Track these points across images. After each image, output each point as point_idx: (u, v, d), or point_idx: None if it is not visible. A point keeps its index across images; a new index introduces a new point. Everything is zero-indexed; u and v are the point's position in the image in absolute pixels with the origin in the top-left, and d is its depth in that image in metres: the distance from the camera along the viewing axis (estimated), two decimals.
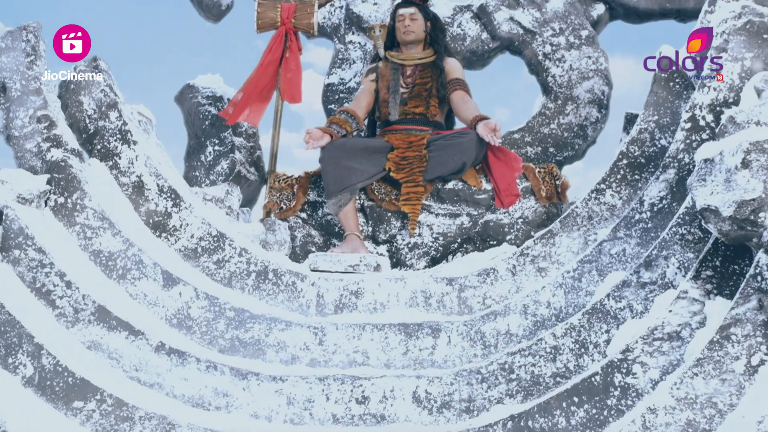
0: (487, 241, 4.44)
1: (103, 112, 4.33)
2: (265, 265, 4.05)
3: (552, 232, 3.98)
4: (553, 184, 4.52)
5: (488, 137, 4.24)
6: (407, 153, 4.50)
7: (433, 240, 4.50)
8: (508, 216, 4.47)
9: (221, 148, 5.50)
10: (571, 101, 5.26)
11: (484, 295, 3.92)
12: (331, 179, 4.42)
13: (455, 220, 4.50)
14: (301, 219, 4.72)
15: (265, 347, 3.69)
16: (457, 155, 4.38)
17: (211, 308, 3.79)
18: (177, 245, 4.15)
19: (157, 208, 4.20)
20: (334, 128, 4.58)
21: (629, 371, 3.03)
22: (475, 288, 3.94)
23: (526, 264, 3.97)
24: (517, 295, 3.81)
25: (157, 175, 4.24)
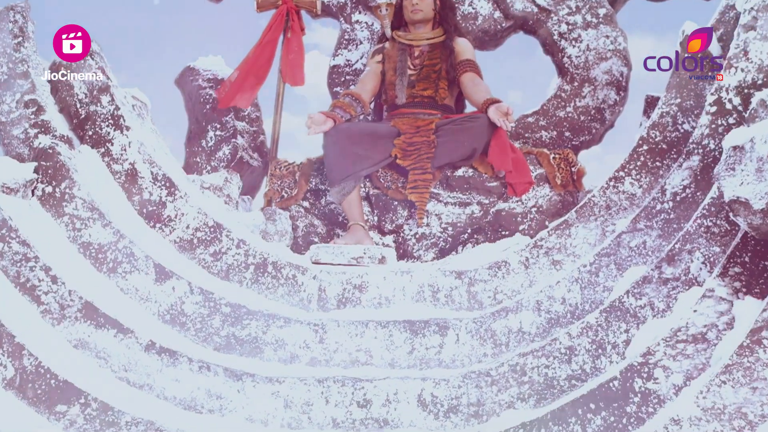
0: (499, 232, 4.24)
1: (95, 96, 4.15)
2: (264, 257, 3.87)
3: (567, 222, 3.80)
4: (568, 171, 4.32)
5: (500, 121, 4.05)
6: (414, 138, 4.29)
7: (441, 230, 4.31)
8: (521, 205, 4.26)
9: (223, 133, 5.29)
10: (588, 83, 5.00)
11: (495, 290, 3.72)
12: (334, 166, 4.22)
13: (465, 209, 4.31)
14: (303, 208, 4.52)
15: (263, 345, 3.52)
16: (467, 140, 4.20)
17: (205, 304, 3.61)
18: (172, 236, 3.97)
19: (150, 198, 4.01)
20: (338, 113, 4.38)
21: (650, 376, 2.83)
22: (485, 282, 3.74)
23: (540, 256, 3.78)
24: (530, 290, 3.61)
25: (150, 162, 4.05)
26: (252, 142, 5.41)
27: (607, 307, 3.17)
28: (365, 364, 3.43)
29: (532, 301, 3.48)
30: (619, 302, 3.17)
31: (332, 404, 3.20)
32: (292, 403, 3.21)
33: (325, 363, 3.45)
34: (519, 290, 3.68)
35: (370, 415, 3.18)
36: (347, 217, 4.30)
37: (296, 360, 3.46)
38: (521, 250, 3.78)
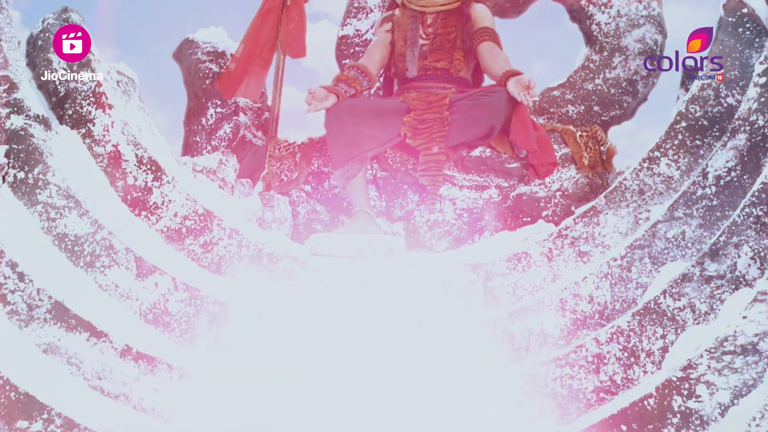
0: (520, 218, 3.90)
1: (75, 71, 3.82)
2: (259, 248, 3.58)
3: (596, 209, 3.48)
4: (597, 150, 3.97)
5: (520, 96, 3.72)
6: (426, 115, 3.96)
7: (456, 217, 3.99)
8: (544, 188, 3.92)
9: (224, 110, 5.03)
10: (618, 52, 4.70)
11: (515, 285, 3.42)
12: (337, 147, 3.91)
13: (482, 193, 3.99)
14: (305, 192, 4.19)
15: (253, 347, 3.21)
16: (484, 117, 3.85)
17: (191, 302, 3.32)
18: (159, 225, 3.68)
19: (135, 183, 3.71)
20: (341, 87, 4.06)
21: (692, 393, 2.53)
22: (503, 276, 3.43)
23: (565, 247, 3.45)
24: (553, 286, 3.33)
25: (135, 143, 3.74)
26: (255, 120, 5.14)
27: (640, 309, 2.88)
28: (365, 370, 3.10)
29: (555, 299, 3.18)
30: (654, 303, 2.87)
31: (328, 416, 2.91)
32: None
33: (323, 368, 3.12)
34: (541, 285, 3.39)
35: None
36: (352, 203, 3.99)
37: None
38: (544, 240, 3.48)
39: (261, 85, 4.72)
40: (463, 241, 3.96)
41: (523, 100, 3.73)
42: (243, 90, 4.61)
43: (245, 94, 4.64)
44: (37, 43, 3.89)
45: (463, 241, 3.96)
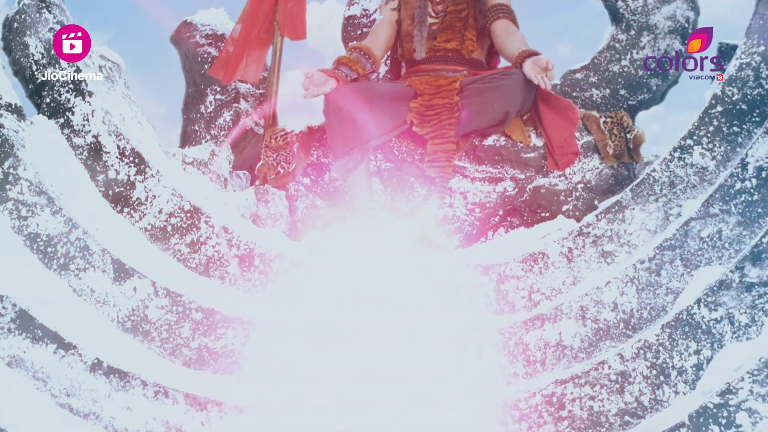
0: (538, 213, 3.65)
1: (53, 56, 3.58)
2: (250, 248, 3.34)
3: (621, 203, 3.23)
4: (623, 138, 3.69)
5: (537, 78, 3.49)
6: (434, 100, 3.71)
7: (467, 212, 3.76)
8: (564, 180, 3.67)
9: (224, 97, 4.85)
10: (647, 31, 4.41)
11: (531, 288, 3.18)
12: (338, 136, 3.67)
13: (496, 186, 3.73)
14: (304, 185, 3.95)
15: (242, 360, 3.04)
16: (498, 102, 3.60)
17: (173, 308, 3.09)
18: (142, 223, 3.45)
19: (117, 177, 3.47)
20: (342, 71, 3.84)
21: (731, 422, 2.28)
22: (518, 278, 3.19)
23: (587, 247, 3.19)
24: (573, 291, 3.08)
25: (117, 134, 3.49)
26: (257, 107, 4.86)
27: (671, 320, 2.63)
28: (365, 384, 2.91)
29: (574, 306, 2.92)
30: (687, 313, 2.62)
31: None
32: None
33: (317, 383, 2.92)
34: (559, 290, 3.14)
35: None
36: (353, 197, 3.78)
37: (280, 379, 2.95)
38: (563, 239, 3.23)
39: (261, 66, 4.45)
40: (475, 239, 3.76)
41: (540, 83, 3.50)
42: (241, 72, 4.33)
43: (244, 75, 4.37)
44: (13, 25, 3.65)
45: (475, 239, 3.76)
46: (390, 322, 3.02)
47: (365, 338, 2.97)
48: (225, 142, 3.98)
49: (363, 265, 3.27)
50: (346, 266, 3.27)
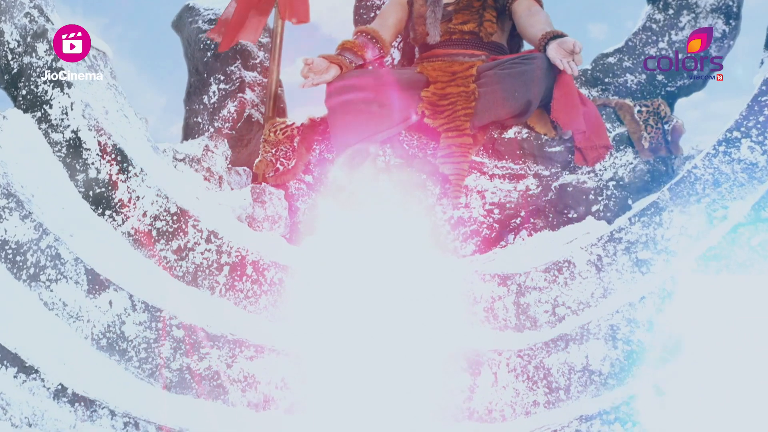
0: (564, 214, 3.40)
1: (29, 44, 3.34)
2: (242, 254, 3.06)
3: (658, 205, 2.97)
4: (660, 129, 3.46)
5: (563, 63, 3.25)
6: (449, 89, 3.45)
7: (485, 213, 3.50)
8: (594, 177, 3.41)
9: (228, 86, 4.58)
10: (687, 10, 4.17)
11: (555, 302, 2.90)
12: (341, 129, 3.43)
13: (518, 183, 3.47)
14: (305, 184, 3.66)
15: (227, 383, 2.80)
16: (519, 90, 3.34)
17: (152, 324, 2.83)
18: (125, 227, 3.17)
19: (98, 176, 3.21)
20: (346, 57, 3.58)
21: None
22: (540, 290, 2.92)
23: (618, 254, 2.93)
24: (603, 304, 2.82)
25: (98, 129, 3.22)
26: (263, 96, 4.56)
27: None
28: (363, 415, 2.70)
29: (604, 324, 2.69)
30: None
31: None
32: None
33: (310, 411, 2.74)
34: (587, 303, 2.87)
35: None
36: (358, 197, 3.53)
37: (270, 405, 2.78)
38: (592, 245, 2.97)
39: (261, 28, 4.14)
40: (493, 243, 3.51)
41: (566, 68, 3.26)
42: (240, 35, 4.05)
43: (244, 36, 4.08)
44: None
45: (493, 243, 3.51)
46: (395, 342, 2.75)
47: (366, 360, 2.72)
48: (219, 137, 3.67)
49: (366, 275, 3.01)
50: (348, 276, 3.01)
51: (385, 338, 2.79)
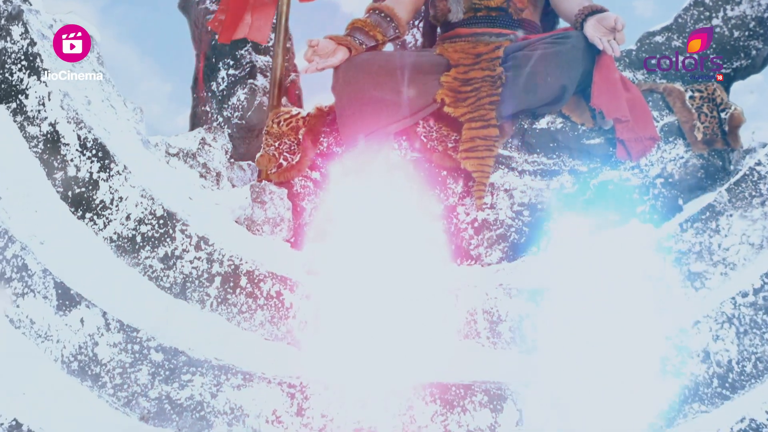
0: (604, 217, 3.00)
1: (3, 26, 3.02)
2: (235, 264, 2.73)
3: (714, 208, 2.62)
4: (715, 118, 3.04)
5: (602, 42, 2.91)
6: (473, 73, 3.05)
7: (513, 215, 3.10)
8: (638, 174, 3.01)
9: (237, 72, 4.32)
10: None
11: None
12: (350, 119, 3.05)
13: (551, 181, 3.06)
14: (312, 181, 3.23)
15: (211, 415, 2.47)
16: (552, 73, 2.95)
17: (127, 346, 2.51)
18: (107, 232, 2.86)
19: (78, 174, 2.90)
20: (356, 39, 3.19)
21: None
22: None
23: (668, 266, 2.57)
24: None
25: (77, 121, 2.90)
26: None
27: None
28: None
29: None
30: None
31: None
32: None
33: None
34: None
35: None
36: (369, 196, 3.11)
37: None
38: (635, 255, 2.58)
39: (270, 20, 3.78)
40: (523, 250, 3.10)
41: (606, 48, 2.90)
42: (245, 29, 3.70)
43: (250, 34, 3.73)
44: None
45: (523, 250, 3.10)
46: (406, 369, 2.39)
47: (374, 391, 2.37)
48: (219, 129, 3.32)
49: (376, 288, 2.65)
50: (354, 289, 2.65)
51: (393, 362, 2.44)
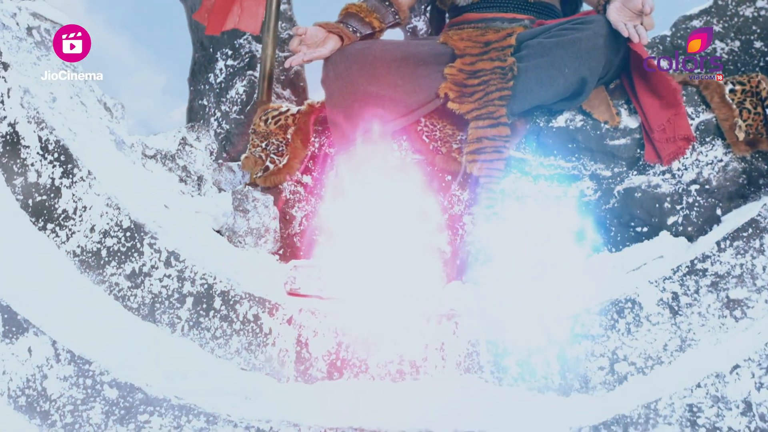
0: (630, 229, 2.51)
1: None
2: (209, 282, 2.39)
3: (759, 223, 2.13)
4: (760, 115, 2.49)
5: (628, 27, 2.46)
6: (480, 63, 2.60)
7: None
8: (670, 180, 2.50)
9: (236, 63, 3.93)
10: None
11: (613, 356, 2.09)
12: (342, 118, 2.66)
13: (569, 187, 2.60)
14: (303, 186, 2.84)
15: None
16: (570, 64, 2.50)
17: (79, 380, 2.19)
18: (69, 245, 2.51)
19: (39, 180, 2.58)
20: (350, 25, 2.78)
21: None
22: (594, 340, 2.10)
23: (702, 291, 2.10)
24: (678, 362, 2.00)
25: (38, 121, 2.59)
26: (280, 74, 3.87)
27: None
28: None
29: (679, 403, 1.85)
30: None
31: None
32: None
33: None
34: (659, 359, 2.05)
35: None
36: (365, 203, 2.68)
37: None
38: (665, 279, 2.11)
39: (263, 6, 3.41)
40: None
41: (632, 35, 2.45)
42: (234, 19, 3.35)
43: (241, 23, 3.37)
44: None
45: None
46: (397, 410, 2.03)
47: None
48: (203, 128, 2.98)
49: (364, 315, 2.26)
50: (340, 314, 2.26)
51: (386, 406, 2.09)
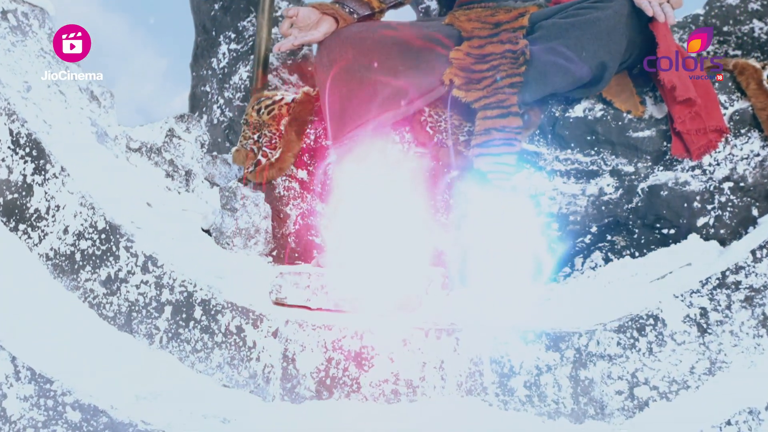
0: (657, 230, 2.26)
1: None
2: (188, 290, 2.19)
3: None
4: None
5: (652, 6, 2.22)
6: (490, 47, 2.36)
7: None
8: (700, 176, 2.24)
9: (239, 47, 3.74)
10: None
11: (632, 378, 1.87)
12: (338, 107, 2.42)
13: (588, 184, 2.34)
14: (298, 181, 2.60)
15: None
16: (589, 47, 2.25)
17: (40, 400, 2.02)
18: (42, 247, 2.33)
19: (10, 177, 2.39)
20: (346, 6, 2.54)
21: None
22: (611, 360, 1.88)
23: (735, 307, 1.89)
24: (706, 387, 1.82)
25: (9, 113, 2.39)
26: (286, 59, 3.66)
27: None
28: None
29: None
30: None
31: None
32: None
33: None
34: (685, 383, 1.84)
35: None
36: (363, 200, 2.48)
37: None
38: (692, 292, 1.88)
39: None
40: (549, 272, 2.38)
41: (657, 15, 2.20)
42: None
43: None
44: None
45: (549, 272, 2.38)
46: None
47: None
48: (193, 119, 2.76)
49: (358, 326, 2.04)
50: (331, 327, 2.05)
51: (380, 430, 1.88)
